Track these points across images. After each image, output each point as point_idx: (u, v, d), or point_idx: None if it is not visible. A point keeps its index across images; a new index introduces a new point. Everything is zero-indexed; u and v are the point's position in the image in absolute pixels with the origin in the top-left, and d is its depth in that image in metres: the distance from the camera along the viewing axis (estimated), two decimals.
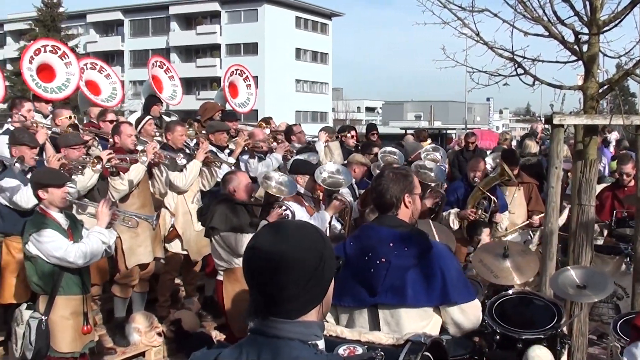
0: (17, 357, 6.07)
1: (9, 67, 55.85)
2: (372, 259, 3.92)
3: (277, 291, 2.19)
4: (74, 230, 6.01)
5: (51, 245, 5.67)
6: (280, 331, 2.20)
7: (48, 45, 10.84)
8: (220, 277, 6.86)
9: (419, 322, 3.85)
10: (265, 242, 2.22)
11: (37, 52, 10.60)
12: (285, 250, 2.19)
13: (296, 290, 2.19)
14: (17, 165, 6.77)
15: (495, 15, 6.55)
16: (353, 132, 11.67)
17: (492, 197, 8.63)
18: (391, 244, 3.92)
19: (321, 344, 2.27)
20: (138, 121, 9.97)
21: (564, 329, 5.82)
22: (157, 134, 9.76)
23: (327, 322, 3.68)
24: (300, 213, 7.07)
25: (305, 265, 2.20)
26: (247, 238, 6.52)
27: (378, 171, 8.77)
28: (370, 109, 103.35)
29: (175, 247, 8.65)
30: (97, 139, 8.97)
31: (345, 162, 9.61)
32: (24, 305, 5.98)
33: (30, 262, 5.82)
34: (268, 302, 2.20)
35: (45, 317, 5.76)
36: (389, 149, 10.21)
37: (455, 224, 8.59)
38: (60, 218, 5.95)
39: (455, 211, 8.70)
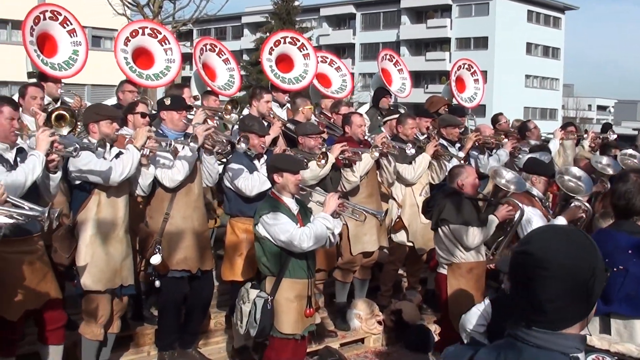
0: (241, 333, 6.35)
1: (245, 57, 58.90)
2: (608, 266, 3.76)
3: (545, 301, 2.13)
4: (304, 217, 6.10)
5: (279, 227, 5.79)
6: (543, 342, 2.14)
7: (288, 37, 11.12)
8: (443, 271, 6.81)
9: None
10: (538, 248, 2.16)
11: (277, 43, 10.89)
12: (559, 259, 2.13)
13: (565, 302, 2.13)
14: (243, 145, 6.71)
15: None
16: (572, 128, 11.09)
17: None
18: (630, 251, 3.75)
19: (582, 356, 2.19)
20: (368, 114, 10.15)
21: None
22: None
23: None
24: (531, 212, 6.86)
25: (578, 277, 2.13)
26: (476, 231, 6.53)
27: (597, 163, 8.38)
28: (601, 108, 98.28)
29: (400, 237, 8.73)
30: (327, 129, 9.21)
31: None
32: (249, 285, 6.18)
33: (259, 244, 5.98)
34: (534, 311, 2.15)
35: (271, 298, 5.91)
36: (629, 151, 9.59)
37: None
38: (291, 203, 6.07)
39: None
